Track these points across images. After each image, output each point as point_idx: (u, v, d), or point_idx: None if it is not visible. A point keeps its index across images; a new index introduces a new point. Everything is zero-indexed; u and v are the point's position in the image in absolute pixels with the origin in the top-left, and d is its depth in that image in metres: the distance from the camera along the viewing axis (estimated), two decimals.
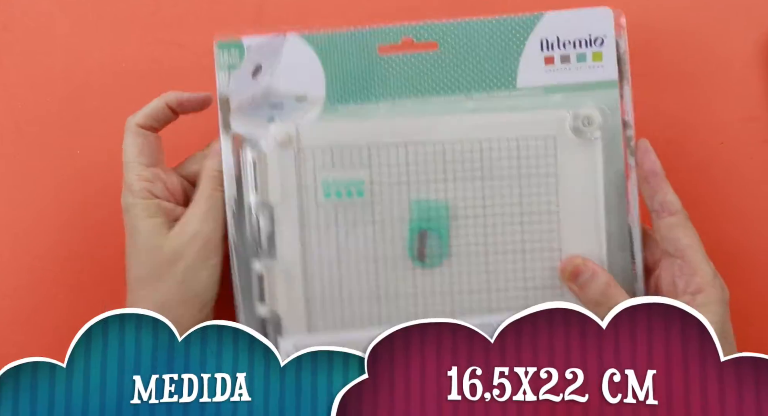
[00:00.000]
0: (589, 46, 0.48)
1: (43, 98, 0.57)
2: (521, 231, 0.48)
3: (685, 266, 0.45)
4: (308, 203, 0.48)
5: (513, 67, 0.48)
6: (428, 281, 0.48)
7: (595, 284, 0.46)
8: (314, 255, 0.48)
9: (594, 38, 0.48)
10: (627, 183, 0.48)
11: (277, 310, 0.48)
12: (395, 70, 0.49)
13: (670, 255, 0.46)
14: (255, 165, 0.48)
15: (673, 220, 0.46)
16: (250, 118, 0.49)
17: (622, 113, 0.48)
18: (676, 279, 0.46)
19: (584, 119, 0.47)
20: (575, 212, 0.48)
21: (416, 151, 0.48)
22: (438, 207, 0.48)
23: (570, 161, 0.48)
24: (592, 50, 0.48)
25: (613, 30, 0.48)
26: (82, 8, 0.58)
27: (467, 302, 0.48)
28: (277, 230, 0.48)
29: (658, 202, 0.46)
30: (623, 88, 0.48)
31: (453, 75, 0.49)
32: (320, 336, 0.48)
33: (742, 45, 0.56)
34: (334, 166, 0.48)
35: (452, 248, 0.48)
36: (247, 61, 0.48)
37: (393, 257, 0.48)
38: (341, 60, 0.49)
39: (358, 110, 0.49)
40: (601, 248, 0.48)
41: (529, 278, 0.48)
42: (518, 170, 0.48)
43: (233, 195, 0.48)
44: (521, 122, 0.48)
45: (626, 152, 0.48)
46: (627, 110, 0.48)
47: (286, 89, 0.49)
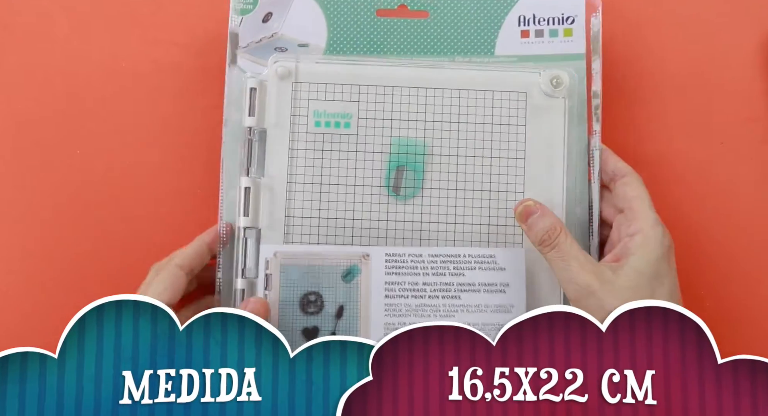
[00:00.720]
0: (562, 23, 0.55)
1: (43, 98, 0.57)
2: (489, 173, 0.53)
3: (629, 213, 0.49)
4: (299, 129, 0.53)
5: (492, 38, 0.55)
6: (400, 210, 0.52)
7: (542, 223, 0.48)
8: (299, 177, 0.52)
9: (566, 17, 0.55)
10: (589, 148, 0.53)
11: (258, 224, 0.52)
12: (390, 31, 0.55)
13: (621, 211, 0.50)
14: (255, 92, 0.53)
15: (625, 180, 0.50)
16: (256, 56, 0.54)
17: (591, 84, 0.54)
18: (621, 227, 0.49)
19: (553, 78, 0.53)
20: (539, 162, 0.53)
21: (401, 93, 0.53)
22: (416, 145, 0.53)
23: (538, 115, 0.53)
24: (563, 27, 0.55)
25: (584, 10, 0.55)
26: (82, 8, 0.59)
27: (434, 233, 0.52)
28: (268, 152, 0.53)
29: (611, 170, 0.52)
30: (594, 61, 0.54)
31: (440, 40, 0.55)
32: (297, 246, 0.51)
33: (742, 45, 0.57)
34: (326, 99, 0.53)
35: (425, 182, 0.53)
36: (260, 7, 0.55)
37: (371, 187, 0.52)
38: (343, 17, 0.55)
39: (353, 60, 0.54)
40: (561, 197, 0.52)
41: (492, 216, 0.52)
42: (491, 118, 0.53)
43: (229, 118, 0.53)
44: (497, 79, 0.54)
45: (592, 119, 0.53)
46: (596, 81, 0.54)
47: (291, 36, 0.55)
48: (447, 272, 0.51)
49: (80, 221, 0.56)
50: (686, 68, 0.57)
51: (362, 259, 0.51)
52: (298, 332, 0.51)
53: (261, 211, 0.52)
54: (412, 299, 0.51)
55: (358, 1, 0.55)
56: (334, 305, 0.51)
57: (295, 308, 0.51)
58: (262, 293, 0.51)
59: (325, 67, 0.54)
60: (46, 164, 0.56)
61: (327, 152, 0.53)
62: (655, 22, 0.58)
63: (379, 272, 0.51)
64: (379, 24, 0.55)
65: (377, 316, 0.51)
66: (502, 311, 0.51)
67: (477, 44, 0.55)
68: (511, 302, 0.51)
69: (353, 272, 0.51)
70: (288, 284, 0.51)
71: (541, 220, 0.49)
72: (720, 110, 0.56)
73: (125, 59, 0.58)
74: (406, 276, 0.51)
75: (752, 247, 0.55)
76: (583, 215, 0.52)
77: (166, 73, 0.58)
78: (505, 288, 0.51)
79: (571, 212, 0.52)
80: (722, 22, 0.58)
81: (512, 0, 0.55)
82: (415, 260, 0.51)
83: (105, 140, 0.57)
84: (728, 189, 0.56)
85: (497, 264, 0.51)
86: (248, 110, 0.53)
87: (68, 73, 0.58)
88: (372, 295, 0.51)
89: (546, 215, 0.49)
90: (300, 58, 0.54)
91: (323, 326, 0.51)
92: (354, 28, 0.55)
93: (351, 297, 0.51)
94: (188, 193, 0.56)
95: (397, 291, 0.51)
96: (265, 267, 0.51)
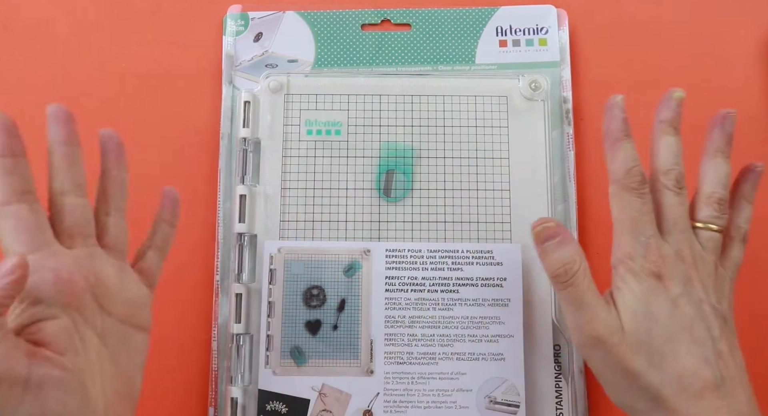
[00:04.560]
0: (536, 34, 0.58)
1: (43, 98, 0.56)
2: (476, 173, 0.55)
3: (614, 235, 0.43)
4: (292, 138, 0.55)
5: (473, 47, 0.58)
6: (392, 212, 0.54)
7: (560, 253, 0.41)
8: (293, 183, 0.55)
9: (540, 28, 0.58)
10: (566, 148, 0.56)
11: (254, 230, 0.54)
12: (374, 43, 0.58)
13: None
14: (249, 105, 0.55)
15: (611, 190, 0.42)
16: (249, 73, 0.57)
17: (561, 89, 0.57)
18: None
19: (532, 82, 0.56)
20: (522, 161, 0.55)
21: (388, 101, 0.56)
22: (404, 149, 0.55)
23: (519, 117, 0.56)
24: (538, 37, 0.58)
25: (556, 22, 0.58)
26: (82, 8, 0.59)
27: (425, 233, 0.54)
28: (263, 160, 0.55)
29: (609, 170, 0.43)
30: (563, 69, 0.57)
31: (423, 51, 0.58)
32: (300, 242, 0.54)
33: (742, 45, 0.58)
34: (317, 109, 0.56)
35: (414, 184, 0.55)
36: (251, 28, 0.58)
37: (362, 190, 0.55)
38: (330, 33, 0.58)
39: (341, 72, 0.57)
40: (545, 195, 0.55)
41: (481, 214, 0.54)
42: (475, 121, 0.56)
43: (227, 132, 0.56)
44: (479, 84, 0.56)
45: (564, 122, 0.56)
46: (566, 88, 0.57)
47: (281, 53, 0.58)
48: (446, 266, 0.53)
49: None
50: (686, 68, 0.58)
51: (363, 254, 0.53)
52: (301, 325, 0.52)
53: (257, 217, 0.54)
54: (412, 293, 0.53)
55: (344, 16, 0.58)
56: (336, 298, 0.53)
57: (299, 302, 0.53)
58: (267, 287, 0.53)
59: (315, 79, 0.57)
60: (46, 163, 0.55)
61: (319, 158, 0.55)
62: (656, 22, 0.59)
63: (379, 266, 0.53)
64: (364, 37, 0.58)
65: (378, 309, 0.52)
66: (500, 304, 0.53)
67: (458, 54, 0.58)
68: (508, 296, 0.53)
69: (355, 267, 0.53)
70: (291, 278, 0.53)
71: (559, 249, 0.41)
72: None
73: (125, 59, 0.58)
74: (406, 271, 0.53)
75: (752, 247, 0.53)
76: (565, 212, 0.55)
77: (166, 73, 0.58)
78: (502, 282, 0.53)
79: (554, 209, 0.54)
80: (722, 22, 0.58)
81: (490, 12, 0.58)
82: (415, 256, 0.53)
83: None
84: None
85: (494, 259, 0.53)
86: (243, 122, 0.55)
87: (68, 73, 0.58)
88: (373, 289, 0.53)
89: (566, 243, 0.41)
90: (290, 73, 0.56)
91: (325, 319, 0.53)
92: (340, 43, 0.58)
93: (352, 291, 0.53)
94: (188, 192, 0.55)
95: (397, 285, 0.53)
96: (269, 263, 0.53)
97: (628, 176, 0.41)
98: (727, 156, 0.43)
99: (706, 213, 0.42)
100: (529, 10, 0.58)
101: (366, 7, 0.59)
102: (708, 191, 0.43)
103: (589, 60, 0.58)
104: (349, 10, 0.58)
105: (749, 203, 0.44)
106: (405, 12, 0.59)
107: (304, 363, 0.52)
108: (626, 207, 0.41)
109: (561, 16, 0.58)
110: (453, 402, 0.51)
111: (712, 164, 0.43)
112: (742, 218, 0.44)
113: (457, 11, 0.58)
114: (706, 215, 0.42)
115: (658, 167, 0.43)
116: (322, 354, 0.52)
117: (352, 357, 0.52)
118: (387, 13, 0.59)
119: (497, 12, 0.58)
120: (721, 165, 0.43)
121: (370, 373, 0.52)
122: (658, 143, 0.43)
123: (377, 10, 0.59)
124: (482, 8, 0.58)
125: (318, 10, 0.59)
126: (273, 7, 0.59)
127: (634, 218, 0.41)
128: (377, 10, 0.59)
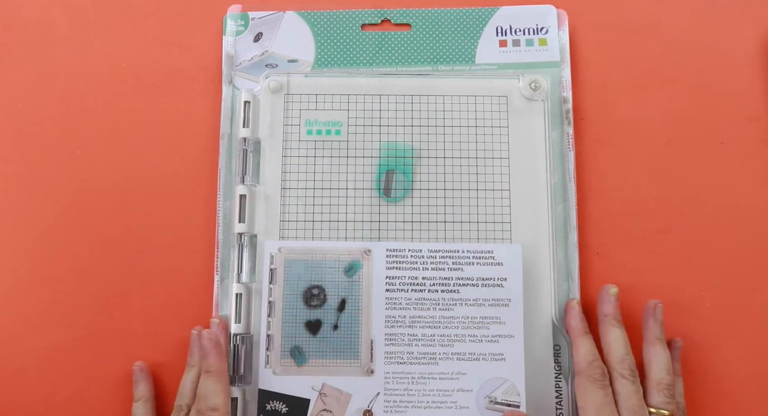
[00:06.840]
0: (536, 34, 0.58)
1: (43, 98, 0.57)
2: (476, 173, 0.55)
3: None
4: (292, 138, 0.55)
5: (473, 47, 0.58)
6: (392, 212, 0.54)
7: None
8: (293, 183, 0.55)
9: (540, 28, 0.58)
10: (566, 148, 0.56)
11: (254, 230, 0.54)
12: (374, 43, 0.58)
13: None
14: (249, 105, 0.55)
15: (576, 381, 0.50)
16: (249, 73, 0.57)
17: (561, 89, 0.57)
18: None
19: (532, 82, 0.56)
20: (522, 161, 0.55)
21: (388, 101, 0.56)
22: (404, 149, 0.55)
23: (519, 117, 0.56)
24: (538, 37, 0.58)
25: (556, 22, 0.58)
26: (82, 8, 0.59)
27: (425, 233, 0.54)
28: (262, 160, 0.55)
29: (573, 360, 0.51)
30: (563, 70, 0.57)
31: (423, 51, 0.58)
32: (301, 242, 0.54)
33: (742, 45, 0.58)
34: (317, 109, 0.56)
35: (414, 184, 0.55)
36: (251, 28, 0.58)
37: (362, 190, 0.55)
38: (330, 33, 0.58)
39: (341, 72, 0.57)
40: (545, 195, 0.55)
41: (481, 214, 0.54)
42: (475, 121, 0.56)
43: (227, 132, 0.56)
44: (479, 84, 0.56)
45: (564, 122, 0.56)
46: (566, 88, 0.57)
47: (281, 53, 0.58)
48: (446, 266, 0.53)
49: (80, 221, 0.56)
50: (686, 68, 0.58)
51: (364, 254, 0.53)
52: (301, 325, 0.52)
53: (257, 217, 0.54)
54: (412, 293, 0.53)
55: (344, 16, 0.58)
56: (337, 298, 0.53)
57: (299, 301, 0.53)
58: (267, 287, 0.53)
59: (315, 79, 0.57)
60: (45, 164, 0.57)
61: (319, 158, 0.55)
62: (656, 22, 0.59)
63: (380, 266, 0.53)
64: (364, 37, 0.58)
65: (378, 309, 0.52)
66: (500, 305, 0.53)
67: (458, 53, 0.58)
68: (509, 296, 0.53)
69: (355, 267, 0.53)
70: (292, 278, 0.53)
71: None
72: (720, 110, 0.57)
73: (125, 59, 0.59)
74: (407, 271, 0.53)
75: (752, 247, 0.55)
76: (565, 212, 0.55)
77: (166, 73, 0.58)
78: (502, 282, 0.53)
79: (554, 209, 0.54)
80: (722, 22, 0.58)
81: (489, 12, 0.58)
82: (415, 256, 0.53)
83: (105, 140, 0.57)
84: (728, 189, 0.56)
85: (495, 259, 0.53)
86: (243, 122, 0.55)
87: (68, 73, 0.58)
88: (373, 289, 0.53)
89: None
90: (290, 73, 0.56)
91: (326, 319, 0.53)
92: (340, 43, 0.58)
93: (353, 291, 0.53)
94: (188, 192, 0.57)
95: (398, 285, 0.53)
96: (270, 262, 0.53)
97: (591, 368, 0.49)
98: (664, 342, 0.50)
99: (659, 400, 0.48)
100: (529, 10, 0.58)
101: (366, 7, 0.59)
102: (657, 378, 0.49)
103: (589, 60, 0.58)
104: (349, 10, 0.58)
105: (679, 376, 0.52)
106: (405, 12, 0.58)
107: (305, 363, 0.52)
108: (591, 398, 0.48)
109: (561, 16, 0.58)
110: (453, 402, 0.51)
111: (654, 352, 0.50)
112: (679, 393, 0.51)
113: (457, 11, 0.58)
114: (659, 401, 0.48)
115: (613, 357, 0.49)
116: (322, 353, 0.52)
117: (352, 357, 0.52)
118: (387, 13, 0.58)
119: (497, 12, 0.58)
120: (660, 352, 0.50)
121: (371, 373, 0.52)
122: (608, 336, 0.50)
123: (377, 10, 0.59)
124: (482, 8, 0.58)
125: (318, 10, 0.58)
126: (273, 7, 0.58)
127: (598, 407, 0.47)
128: (377, 10, 0.59)
